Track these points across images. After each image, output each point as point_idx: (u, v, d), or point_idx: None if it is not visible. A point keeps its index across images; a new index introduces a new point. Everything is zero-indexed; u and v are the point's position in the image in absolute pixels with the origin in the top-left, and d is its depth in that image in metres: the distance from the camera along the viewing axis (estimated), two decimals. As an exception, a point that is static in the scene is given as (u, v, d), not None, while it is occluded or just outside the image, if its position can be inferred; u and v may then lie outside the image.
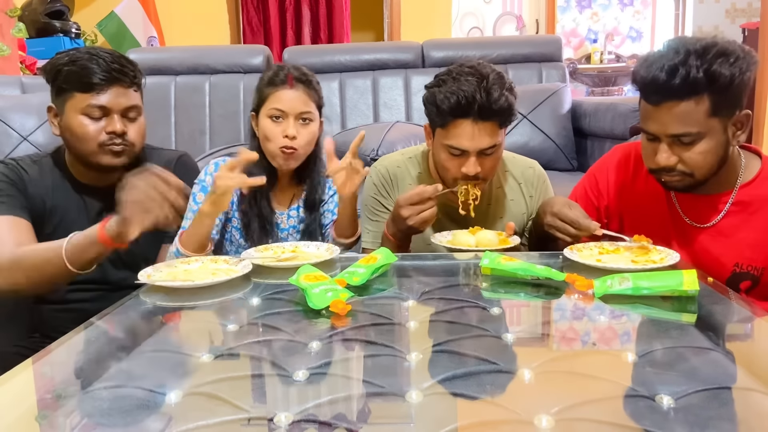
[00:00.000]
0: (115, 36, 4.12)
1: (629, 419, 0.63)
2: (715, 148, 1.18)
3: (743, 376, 0.73)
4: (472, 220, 1.52)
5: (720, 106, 1.14)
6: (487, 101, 1.29)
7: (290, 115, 1.44)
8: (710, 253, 1.28)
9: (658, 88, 1.15)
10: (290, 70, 1.46)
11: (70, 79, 1.31)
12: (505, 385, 0.72)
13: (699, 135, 1.16)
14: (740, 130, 1.20)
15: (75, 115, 1.33)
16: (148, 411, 0.67)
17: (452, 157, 1.38)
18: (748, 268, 1.25)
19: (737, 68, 1.11)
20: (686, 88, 1.12)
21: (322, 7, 4.60)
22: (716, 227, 1.28)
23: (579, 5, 5.25)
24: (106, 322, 0.97)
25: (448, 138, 1.36)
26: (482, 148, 1.34)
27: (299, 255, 1.30)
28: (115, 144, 1.35)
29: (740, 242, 1.25)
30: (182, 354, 0.87)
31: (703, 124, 1.15)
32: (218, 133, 2.94)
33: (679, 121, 1.15)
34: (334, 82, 3.03)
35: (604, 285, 1.00)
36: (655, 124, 1.18)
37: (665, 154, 1.19)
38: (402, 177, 1.57)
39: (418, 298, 1.03)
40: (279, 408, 0.65)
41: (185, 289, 1.09)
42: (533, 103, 2.75)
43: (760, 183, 1.25)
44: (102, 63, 1.31)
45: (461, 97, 1.29)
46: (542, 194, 1.56)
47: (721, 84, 1.11)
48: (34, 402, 0.73)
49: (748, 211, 1.25)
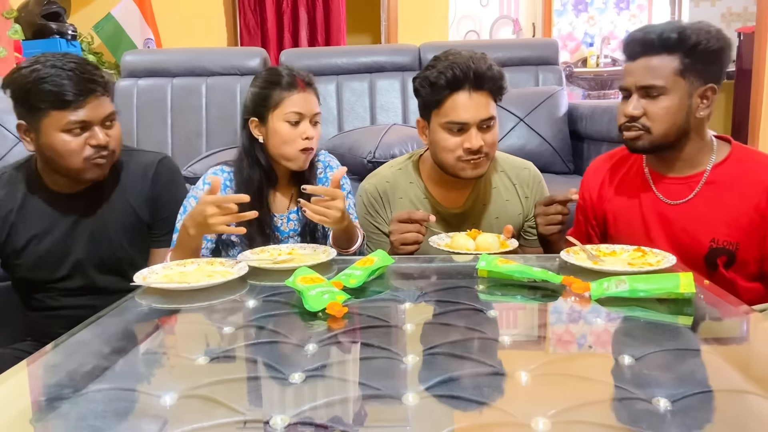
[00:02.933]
0: (112, 38, 4.11)
1: (626, 422, 0.63)
2: (677, 108, 1.29)
3: (739, 378, 0.73)
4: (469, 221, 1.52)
5: (688, 68, 1.27)
6: (480, 69, 1.38)
7: (307, 116, 1.46)
8: (687, 230, 1.35)
9: (637, 43, 1.31)
10: (297, 74, 1.47)
11: (45, 99, 1.26)
12: (501, 387, 0.72)
13: (664, 89, 1.28)
14: (704, 102, 1.31)
15: (55, 132, 1.29)
16: (144, 413, 0.67)
17: (452, 135, 1.40)
18: (723, 243, 1.32)
19: (707, 38, 1.25)
20: (660, 44, 1.27)
21: (319, 10, 4.60)
22: (691, 205, 1.35)
23: (575, 9, 5.26)
24: (102, 324, 0.97)
25: (446, 115, 1.39)
26: (482, 119, 1.39)
27: (296, 257, 1.30)
28: (101, 156, 1.33)
29: (715, 219, 1.32)
30: (178, 356, 0.87)
31: (670, 81, 1.28)
32: (215, 135, 2.94)
33: (650, 74, 1.28)
34: (331, 85, 3.02)
35: (601, 287, 1.00)
36: (630, 77, 1.32)
37: (632, 104, 1.31)
38: (393, 191, 1.57)
39: (414, 300, 1.03)
40: (275, 410, 0.65)
41: (181, 291, 1.09)
42: (530, 106, 2.75)
43: (732, 163, 1.34)
44: (73, 76, 1.26)
45: (456, 68, 1.37)
46: (537, 195, 1.57)
47: (690, 45, 1.25)
48: (28, 404, 0.72)
49: (721, 189, 1.33)
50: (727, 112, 5.83)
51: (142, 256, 1.47)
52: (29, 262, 1.42)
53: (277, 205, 1.56)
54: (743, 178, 1.32)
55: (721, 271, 1.33)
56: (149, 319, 1.03)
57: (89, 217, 1.43)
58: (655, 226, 1.38)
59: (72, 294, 1.45)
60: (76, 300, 1.45)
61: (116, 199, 1.44)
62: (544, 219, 1.39)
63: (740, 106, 5.35)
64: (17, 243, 1.41)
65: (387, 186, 1.57)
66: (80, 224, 1.43)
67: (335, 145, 2.57)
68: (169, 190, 1.49)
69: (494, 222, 1.55)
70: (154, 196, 1.46)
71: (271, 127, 1.46)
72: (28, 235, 1.41)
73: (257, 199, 1.47)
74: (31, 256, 1.42)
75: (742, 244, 1.31)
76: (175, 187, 1.51)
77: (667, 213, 1.38)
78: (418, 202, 1.56)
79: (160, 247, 1.48)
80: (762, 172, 1.31)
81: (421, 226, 1.34)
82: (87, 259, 1.43)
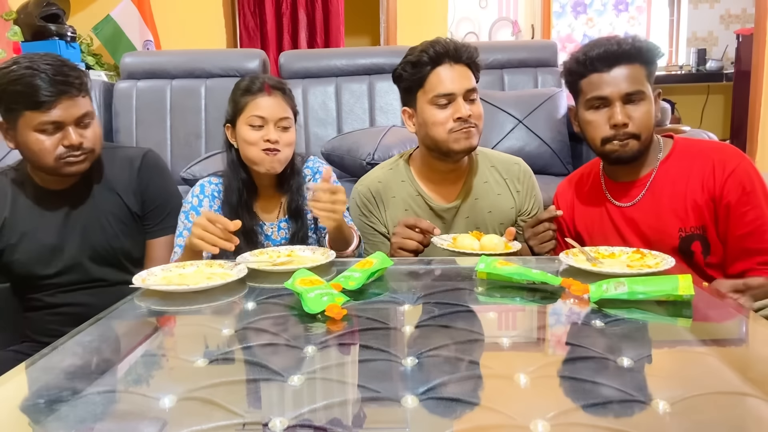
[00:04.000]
0: (111, 40, 4.11)
1: (625, 424, 0.62)
2: (652, 111, 1.37)
3: (739, 380, 0.73)
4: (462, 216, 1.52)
5: (650, 75, 1.37)
6: (457, 43, 1.47)
7: (270, 121, 1.45)
8: (653, 226, 1.40)
9: (611, 55, 1.34)
10: (265, 79, 1.48)
11: (18, 100, 1.29)
12: (500, 390, 0.72)
13: (644, 94, 1.35)
14: (656, 106, 1.39)
15: (29, 132, 1.32)
16: (142, 416, 0.67)
17: (441, 108, 1.46)
18: (691, 230, 1.37)
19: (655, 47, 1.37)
20: (633, 54, 1.34)
21: (318, 12, 4.61)
22: (649, 203, 1.41)
23: (574, 11, 5.28)
24: (101, 326, 0.97)
25: (433, 89, 1.46)
26: (467, 89, 1.46)
27: (295, 259, 1.30)
28: (73, 156, 1.35)
29: (676, 209, 1.38)
30: (177, 358, 0.87)
31: (645, 86, 1.35)
32: (214, 136, 2.94)
33: (631, 81, 1.34)
34: (330, 87, 3.03)
35: (600, 289, 1.00)
36: (609, 86, 1.34)
37: (619, 114, 1.34)
38: (385, 190, 1.59)
39: (413, 302, 1.03)
40: (274, 413, 0.65)
41: (180, 293, 1.09)
42: (529, 107, 2.76)
43: (676, 156, 1.42)
44: (45, 78, 1.28)
45: (435, 45, 1.46)
46: (529, 189, 1.61)
47: (651, 54, 1.36)
48: (27, 407, 0.72)
49: (673, 181, 1.39)
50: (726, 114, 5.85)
51: (136, 247, 1.50)
52: (23, 258, 1.43)
53: (266, 215, 1.55)
54: (691, 165, 1.38)
55: (698, 261, 1.37)
56: (148, 321, 1.03)
57: (80, 211, 1.46)
58: (626, 231, 1.43)
59: (69, 290, 1.46)
60: (74, 296, 1.46)
61: (105, 193, 1.47)
62: (537, 239, 1.40)
63: (739, 108, 5.35)
64: (11, 239, 1.43)
65: (379, 186, 1.60)
66: (71, 218, 1.45)
67: (334, 147, 2.57)
68: (155, 181, 1.51)
69: (487, 216, 1.57)
70: (142, 188, 1.49)
71: (238, 132, 1.48)
72: (19, 232, 1.43)
73: (244, 207, 1.49)
74: (25, 252, 1.43)
75: (709, 227, 1.36)
76: (160, 177, 1.54)
77: (630, 215, 1.43)
78: (411, 200, 1.58)
79: (155, 237, 1.51)
80: (706, 156, 1.37)
81: (424, 236, 1.37)
82: (81, 252, 1.45)
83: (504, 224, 1.57)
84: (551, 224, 1.40)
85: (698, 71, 5.89)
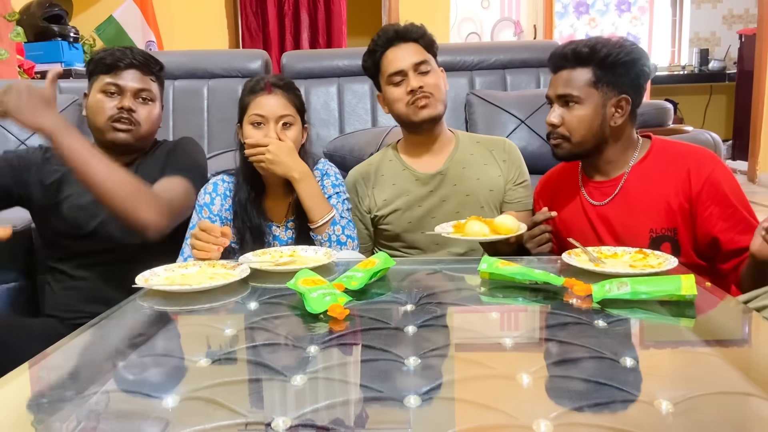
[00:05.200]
0: (114, 40, 4.12)
1: (627, 424, 0.62)
2: (591, 117, 1.39)
3: (742, 380, 0.73)
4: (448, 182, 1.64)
5: (601, 80, 1.37)
6: (401, 25, 1.62)
7: (270, 119, 1.46)
8: (625, 225, 1.43)
9: (556, 58, 1.43)
10: (267, 78, 1.50)
11: (98, 64, 1.51)
12: (503, 389, 0.72)
13: (579, 99, 1.39)
14: (618, 112, 1.40)
15: (96, 93, 1.50)
16: (145, 415, 0.67)
17: (396, 86, 1.59)
18: (662, 231, 1.40)
19: (617, 50, 1.36)
20: (573, 57, 1.39)
21: (321, 12, 4.61)
22: (621, 202, 1.43)
23: (577, 11, 5.27)
24: (104, 326, 0.97)
25: (386, 71, 1.60)
26: (415, 63, 1.57)
27: (297, 259, 1.30)
28: (122, 119, 1.49)
29: (648, 210, 1.40)
30: (179, 358, 0.87)
31: (584, 91, 1.38)
32: (216, 137, 2.94)
33: (565, 84, 1.40)
34: (333, 87, 3.03)
35: (603, 289, 1.00)
36: (551, 88, 1.45)
37: (553, 114, 1.43)
38: (375, 171, 1.71)
39: (416, 302, 1.03)
40: (276, 412, 0.65)
41: (183, 293, 1.09)
42: (531, 108, 2.75)
43: (652, 158, 1.44)
44: (128, 53, 1.51)
45: (382, 32, 1.62)
46: (515, 160, 1.70)
47: (600, 57, 1.36)
48: (30, 406, 0.72)
49: (647, 182, 1.41)
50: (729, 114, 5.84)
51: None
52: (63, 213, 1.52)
53: (275, 215, 1.55)
54: (666, 167, 1.40)
55: None
56: (151, 321, 1.03)
57: None
58: (600, 228, 1.46)
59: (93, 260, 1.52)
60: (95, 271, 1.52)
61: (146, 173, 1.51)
62: (534, 242, 1.42)
63: (741, 108, 5.34)
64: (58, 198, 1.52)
65: (369, 167, 1.73)
66: None
67: (336, 147, 2.57)
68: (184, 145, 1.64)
69: (476, 183, 1.64)
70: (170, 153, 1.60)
71: (243, 131, 1.50)
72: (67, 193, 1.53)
73: (252, 206, 1.50)
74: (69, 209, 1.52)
75: (680, 230, 1.38)
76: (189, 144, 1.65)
77: (604, 213, 1.46)
78: (398, 174, 1.68)
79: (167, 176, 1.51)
80: (682, 159, 1.39)
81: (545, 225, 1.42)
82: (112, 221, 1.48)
83: (493, 191, 1.65)
84: (546, 226, 1.42)
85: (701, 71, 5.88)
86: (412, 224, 1.64)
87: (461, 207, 1.63)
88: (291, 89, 1.51)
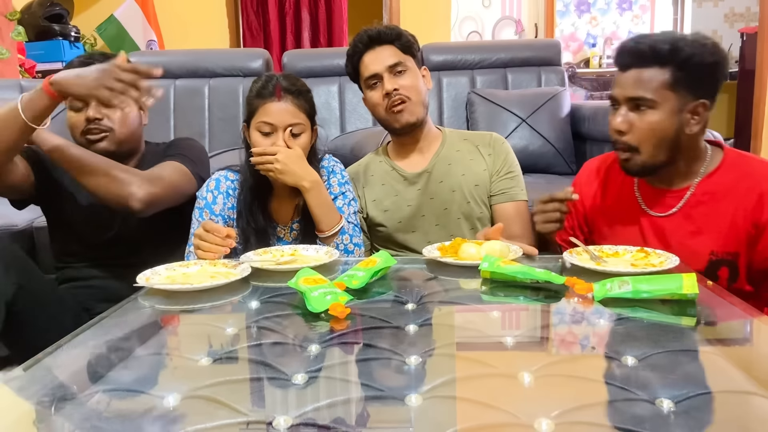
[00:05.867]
0: (115, 39, 4.12)
1: (629, 423, 0.62)
2: (664, 124, 1.24)
3: (743, 379, 0.73)
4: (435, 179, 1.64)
5: (679, 82, 1.22)
6: (375, 29, 1.59)
7: (279, 128, 1.40)
8: (684, 243, 1.30)
9: (627, 53, 1.26)
10: (279, 81, 1.43)
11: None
12: (504, 388, 0.72)
13: (652, 102, 1.23)
14: (695, 118, 1.25)
15: (68, 112, 1.49)
16: (147, 414, 0.67)
17: (373, 90, 1.60)
18: (723, 254, 1.28)
19: (701, 50, 1.21)
20: (651, 55, 1.22)
21: (322, 12, 4.61)
22: (685, 217, 1.31)
23: (578, 9, 5.26)
24: (105, 325, 0.97)
25: (363, 74, 1.61)
26: (388, 65, 1.57)
27: (298, 258, 1.30)
28: (92, 130, 1.47)
29: (712, 230, 1.28)
30: (181, 357, 0.87)
31: (659, 94, 1.22)
32: (217, 136, 2.94)
33: (638, 85, 1.24)
34: (334, 86, 3.03)
35: (604, 288, 1.00)
36: (618, 87, 1.28)
37: (620, 117, 1.27)
38: (365, 171, 1.73)
39: (417, 301, 1.03)
40: (278, 411, 0.65)
41: (184, 292, 1.09)
42: (532, 106, 2.75)
43: (724, 172, 1.30)
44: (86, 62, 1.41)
45: (357, 37, 1.61)
46: (501, 152, 1.67)
47: (682, 58, 1.20)
48: (32, 405, 0.72)
49: (715, 200, 1.28)
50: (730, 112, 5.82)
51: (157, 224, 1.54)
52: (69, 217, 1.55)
53: (280, 216, 1.53)
54: (737, 185, 1.28)
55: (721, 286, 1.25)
56: (152, 320, 1.03)
57: None
58: (652, 241, 1.33)
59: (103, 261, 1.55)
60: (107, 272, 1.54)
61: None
62: (543, 216, 1.36)
63: (743, 107, 5.33)
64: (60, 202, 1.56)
65: (359, 168, 1.74)
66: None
67: (337, 146, 2.57)
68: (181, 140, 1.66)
69: (461, 179, 1.64)
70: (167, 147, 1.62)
71: (251, 135, 1.45)
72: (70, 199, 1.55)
73: (258, 207, 1.48)
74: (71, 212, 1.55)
75: (741, 254, 1.27)
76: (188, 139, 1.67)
77: (662, 226, 1.34)
78: (386, 174, 1.70)
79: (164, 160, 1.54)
80: (754, 179, 1.26)
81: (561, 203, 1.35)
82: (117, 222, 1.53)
83: (479, 185, 1.64)
84: (562, 205, 1.34)
85: (702, 70, 5.86)
86: (403, 224, 1.65)
87: (448, 204, 1.63)
88: (302, 94, 1.44)
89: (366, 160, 1.77)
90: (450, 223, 1.63)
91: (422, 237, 1.63)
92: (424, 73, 1.66)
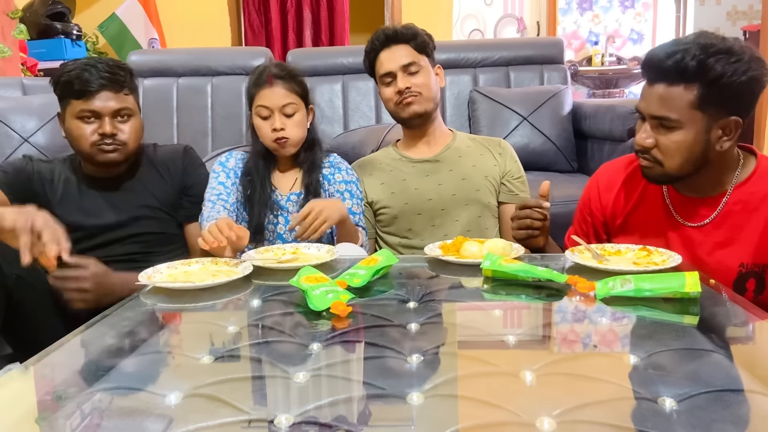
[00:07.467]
0: (116, 38, 4.12)
1: (631, 422, 0.62)
2: (692, 143, 1.16)
3: (746, 378, 0.73)
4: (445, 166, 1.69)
5: (707, 101, 1.12)
6: (393, 28, 1.66)
7: (274, 110, 1.55)
8: (714, 255, 1.25)
9: (653, 67, 1.18)
10: (270, 69, 1.57)
11: (66, 89, 1.44)
12: (506, 387, 0.72)
13: (678, 123, 1.15)
14: (726, 136, 1.17)
15: (72, 119, 1.45)
16: (148, 412, 0.67)
17: (387, 86, 1.67)
18: (752, 266, 1.22)
19: (733, 68, 1.09)
20: (677, 72, 1.13)
21: (323, 10, 4.61)
22: (716, 227, 1.25)
23: (580, 7, 5.25)
24: (106, 323, 0.97)
25: (378, 72, 1.68)
26: (403, 64, 1.63)
27: (300, 257, 1.30)
28: (105, 144, 1.45)
29: (743, 241, 1.22)
30: (182, 355, 0.87)
31: (685, 114, 1.14)
32: (220, 134, 2.94)
33: (663, 104, 1.16)
34: (337, 84, 3.03)
35: (606, 287, 0.99)
36: (643, 102, 1.20)
37: (645, 134, 1.20)
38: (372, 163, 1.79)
39: (418, 299, 1.03)
40: (279, 409, 0.65)
41: (186, 290, 1.09)
42: (534, 104, 2.75)
43: (757, 180, 1.23)
44: (94, 72, 1.43)
45: (375, 35, 1.67)
46: (510, 156, 1.75)
47: (711, 77, 1.10)
48: (34, 403, 0.72)
49: (747, 210, 1.22)
50: (733, 111, 5.79)
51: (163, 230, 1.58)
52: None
53: (282, 185, 1.63)
54: None
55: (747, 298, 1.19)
56: (154, 319, 1.03)
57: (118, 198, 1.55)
58: (678, 250, 1.23)
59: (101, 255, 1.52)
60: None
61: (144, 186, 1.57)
62: (516, 223, 1.35)
63: (746, 105, 5.31)
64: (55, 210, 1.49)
65: (366, 161, 1.82)
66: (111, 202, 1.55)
67: (339, 144, 2.57)
68: (199, 175, 1.65)
69: (471, 170, 1.70)
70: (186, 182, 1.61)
71: (254, 122, 1.59)
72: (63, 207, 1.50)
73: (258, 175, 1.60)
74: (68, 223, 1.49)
75: None
76: (201, 170, 1.67)
77: (690, 236, 1.27)
78: (394, 162, 1.76)
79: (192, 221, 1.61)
80: None
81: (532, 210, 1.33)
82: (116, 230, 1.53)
83: (488, 177, 1.69)
84: (532, 212, 1.32)
85: (705, 68, 5.84)
86: (409, 205, 1.69)
87: (457, 190, 1.68)
88: (292, 77, 1.57)
89: (374, 155, 1.84)
90: (456, 208, 1.68)
91: (427, 221, 1.69)
92: (438, 72, 1.72)
